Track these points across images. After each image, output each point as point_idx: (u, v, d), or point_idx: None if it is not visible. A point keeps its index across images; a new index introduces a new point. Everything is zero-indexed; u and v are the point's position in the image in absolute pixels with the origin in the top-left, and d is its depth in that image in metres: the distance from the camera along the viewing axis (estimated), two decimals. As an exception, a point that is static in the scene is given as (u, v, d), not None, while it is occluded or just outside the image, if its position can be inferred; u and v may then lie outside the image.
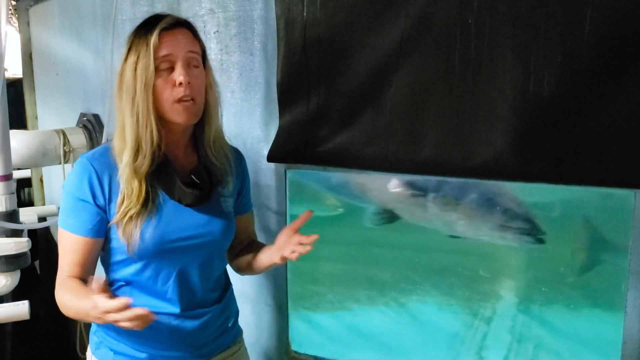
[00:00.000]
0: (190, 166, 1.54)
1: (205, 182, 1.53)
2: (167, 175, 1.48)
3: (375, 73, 1.63)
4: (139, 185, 1.45)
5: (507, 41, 1.44)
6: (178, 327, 1.55)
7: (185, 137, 1.55)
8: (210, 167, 1.55)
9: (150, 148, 1.44)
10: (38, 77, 4.71)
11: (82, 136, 3.17)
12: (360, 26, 1.63)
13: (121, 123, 1.47)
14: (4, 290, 2.56)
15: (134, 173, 1.45)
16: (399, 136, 1.62)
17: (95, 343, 1.62)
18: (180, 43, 1.45)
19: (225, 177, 1.59)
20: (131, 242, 1.45)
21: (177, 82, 1.43)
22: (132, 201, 1.44)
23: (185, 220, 1.51)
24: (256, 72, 1.97)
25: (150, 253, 1.48)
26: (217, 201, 1.57)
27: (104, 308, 1.28)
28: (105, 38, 2.73)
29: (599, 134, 1.38)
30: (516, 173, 1.49)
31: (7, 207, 2.50)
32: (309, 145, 1.77)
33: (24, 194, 5.79)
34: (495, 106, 1.48)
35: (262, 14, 1.90)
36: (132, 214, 1.45)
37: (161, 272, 1.51)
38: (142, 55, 1.42)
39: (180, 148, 1.55)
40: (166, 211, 1.49)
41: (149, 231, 1.46)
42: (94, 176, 1.47)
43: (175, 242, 1.49)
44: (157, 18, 1.47)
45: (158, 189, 1.49)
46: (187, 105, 1.45)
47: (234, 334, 1.72)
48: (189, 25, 1.51)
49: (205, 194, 1.52)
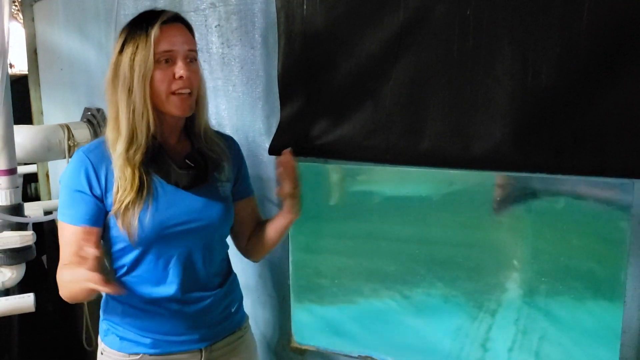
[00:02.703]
0: (183, 153, 1.57)
1: (200, 164, 1.55)
2: (162, 161, 1.51)
3: (374, 65, 1.63)
4: (132, 173, 1.48)
5: (505, 32, 1.44)
6: (179, 312, 1.58)
7: (177, 128, 1.59)
8: (204, 152, 1.58)
9: (145, 138, 1.47)
10: (43, 73, 4.73)
11: (87, 131, 3.19)
12: (360, 18, 1.63)
13: (115, 114, 1.49)
14: (10, 283, 2.58)
15: (127, 161, 1.47)
16: (399, 128, 1.63)
17: (104, 330, 1.66)
18: (180, 39, 1.48)
19: (221, 162, 1.61)
20: (131, 230, 1.48)
21: (177, 75, 1.46)
22: (126, 189, 1.47)
23: (183, 205, 1.53)
24: (257, 66, 1.98)
25: (150, 239, 1.50)
26: (214, 186, 1.59)
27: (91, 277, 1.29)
28: (108, 33, 2.75)
29: (598, 124, 1.38)
30: (515, 164, 1.49)
31: (11, 201, 2.52)
32: (310, 138, 1.78)
33: (30, 188, 5.82)
34: (494, 97, 1.48)
35: (263, 7, 1.91)
36: (128, 201, 1.47)
37: (161, 257, 1.54)
38: (141, 47, 1.44)
39: (173, 137, 1.59)
40: (163, 197, 1.52)
41: (147, 218, 1.49)
42: (90, 168, 1.50)
43: (174, 226, 1.52)
44: (155, 12, 1.49)
45: (154, 176, 1.51)
46: (183, 97, 1.48)
47: (238, 319, 1.74)
48: (186, 23, 1.54)
49: (202, 175, 1.54)
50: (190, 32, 1.54)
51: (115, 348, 1.62)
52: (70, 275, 1.45)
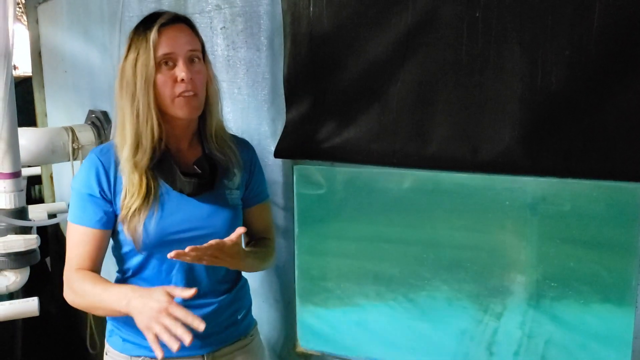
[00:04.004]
0: (194, 158, 1.56)
1: (206, 171, 1.53)
2: (167, 167, 1.50)
3: (381, 68, 1.62)
4: (139, 179, 1.47)
5: (514, 35, 1.43)
6: None
7: (189, 131, 1.57)
8: (214, 158, 1.56)
9: (151, 143, 1.47)
10: (47, 75, 4.74)
11: (91, 133, 3.19)
12: (367, 21, 1.62)
13: (122, 119, 1.49)
14: (14, 286, 2.58)
15: (134, 167, 1.47)
16: (406, 131, 1.61)
17: (109, 331, 1.67)
18: (180, 40, 1.47)
19: (231, 168, 1.60)
20: (136, 236, 1.48)
21: (179, 78, 1.44)
22: (133, 195, 1.47)
23: (189, 212, 1.53)
24: (263, 68, 1.97)
25: (153, 245, 1.50)
26: (222, 193, 1.58)
27: (171, 306, 1.29)
28: (112, 35, 2.74)
29: (608, 128, 1.37)
30: (524, 167, 1.48)
31: (16, 205, 2.51)
32: (316, 140, 1.77)
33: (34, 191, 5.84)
34: (503, 100, 1.47)
35: (269, 9, 1.90)
36: (135, 208, 1.47)
37: (165, 262, 1.53)
38: (142, 52, 1.44)
39: (185, 142, 1.57)
40: (169, 203, 1.51)
41: (152, 224, 1.48)
42: (101, 170, 1.50)
43: (178, 233, 1.51)
44: (155, 15, 1.48)
45: (160, 182, 1.51)
46: (189, 99, 1.46)
47: (244, 327, 1.73)
48: (187, 21, 1.52)
49: (206, 183, 1.53)
50: (194, 31, 1.52)
51: (118, 349, 1.63)
52: (103, 296, 1.43)
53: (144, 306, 1.31)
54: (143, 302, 1.32)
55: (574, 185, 1.50)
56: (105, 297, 1.42)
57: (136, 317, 1.32)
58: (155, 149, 1.48)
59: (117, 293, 1.40)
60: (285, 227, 2.02)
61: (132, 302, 1.33)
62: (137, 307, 1.32)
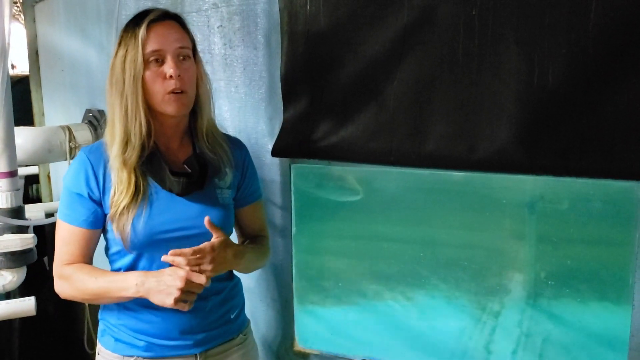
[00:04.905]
0: (184, 157, 1.55)
1: (196, 170, 1.52)
2: (157, 166, 1.50)
3: (378, 66, 1.62)
4: (128, 177, 1.47)
5: (511, 33, 1.43)
6: (173, 317, 1.56)
7: (179, 129, 1.57)
8: (205, 157, 1.55)
9: (139, 140, 1.46)
10: (44, 74, 4.73)
11: (88, 132, 3.19)
12: (363, 19, 1.62)
13: (111, 116, 1.50)
14: (10, 286, 2.57)
15: (123, 164, 1.47)
16: (403, 130, 1.61)
17: (101, 331, 1.66)
18: (169, 37, 1.46)
19: (222, 168, 1.59)
20: (124, 235, 1.48)
21: (167, 74, 1.44)
22: (122, 192, 1.47)
23: (178, 211, 1.52)
24: (260, 67, 1.96)
25: (142, 245, 1.50)
26: (213, 192, 1.57)
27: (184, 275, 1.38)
28: (109, 34, 2.74)
29: (605, 126, 1.36)
30: (522, 166, 1.48)
31: (12, 204, 2.50)
32: (313, 139, 1.77)
33: (32, 190, 5.82)
34: (500, 99, 1.46)
35: (266, 7, 1.90)
36: (124, 205, 1.47)
37: (155, 262, 1.52)
38: (131, 49, 1.43)
39: (175, 140, 1.57)
40: (158, 202, 1.50)
41: (141, 223, 1.48)
42: (89, 169, 1.50)
43: (166, 233, 1.50)
44: (145, 12, 1.48)
45: (150, 181, 1.50)
46: (178, 96, 1.46)
47: (237, 326, 1.72)
48: (177, 18, 1.52)
49: (195, 183, 1.52)
50: (184, 29, 1.52)
51: (110, 349, 1.62)
52: (104, 283, 1.47)
53: (159, 283, 1.40)
54: (157, 279, 1.40)
55: (571, 183, 1.50)
56: (109, 285, 1.46)
57: (154, 295, 1.40)
58: (145, 145, 1.48)
59: (123, 280, 1.45)
60: (282, 226, 2.01)
61: (146, 284, 1.41)
62: (152, 287, 1.40)
